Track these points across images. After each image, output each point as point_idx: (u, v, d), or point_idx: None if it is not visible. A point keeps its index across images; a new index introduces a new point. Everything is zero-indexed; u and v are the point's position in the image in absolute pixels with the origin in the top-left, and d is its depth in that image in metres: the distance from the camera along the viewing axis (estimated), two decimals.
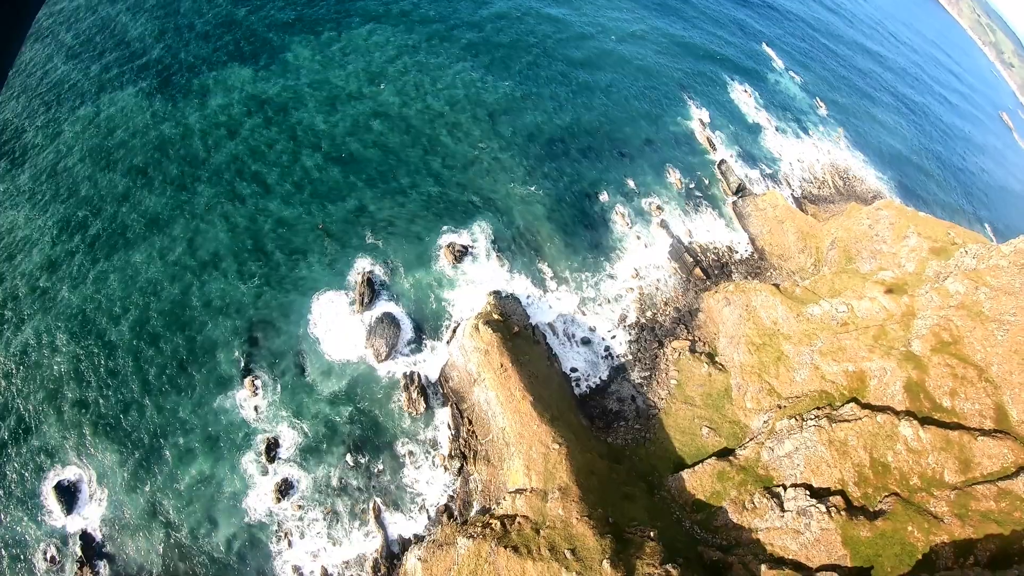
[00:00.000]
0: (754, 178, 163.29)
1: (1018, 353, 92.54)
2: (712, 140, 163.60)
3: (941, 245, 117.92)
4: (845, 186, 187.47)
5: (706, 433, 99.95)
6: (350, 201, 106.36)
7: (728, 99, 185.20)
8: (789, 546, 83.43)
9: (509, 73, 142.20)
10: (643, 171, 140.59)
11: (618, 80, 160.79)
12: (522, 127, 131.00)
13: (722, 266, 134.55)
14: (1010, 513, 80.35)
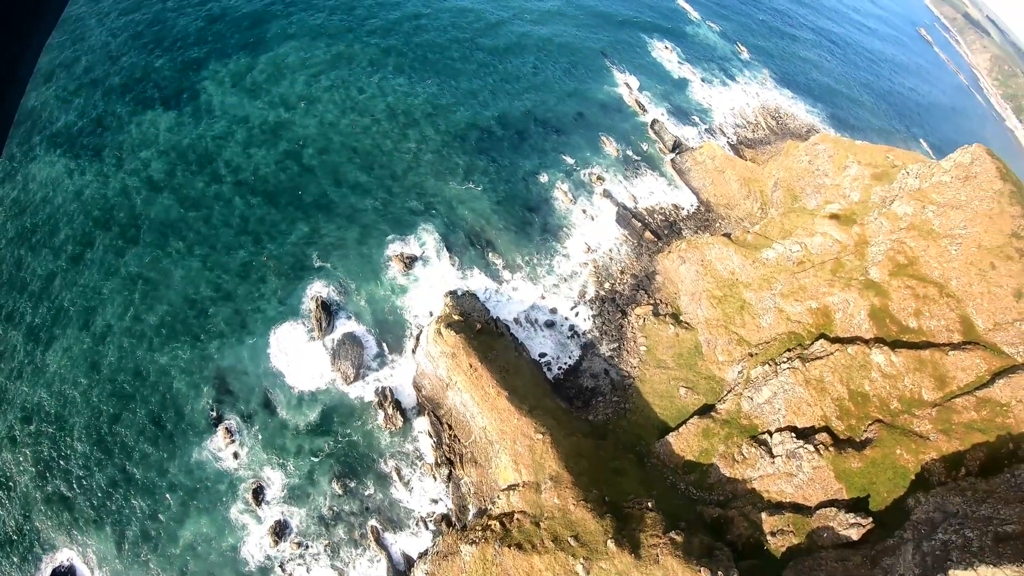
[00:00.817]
0: (689, 133, 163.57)
1: (974, 265, 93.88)
2: (641, 102, 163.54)
3: (882, 170, 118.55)
4: (778, 125, 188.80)
5: (684, 393, 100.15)
6: (291, 229, 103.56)
7: (651, 59, 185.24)
8: (785, 490, 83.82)
9: (432, 73, 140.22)
10: (578, 146, 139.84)
11: (541, 61, 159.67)
12: (453, 125, 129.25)
13: (671, 225, 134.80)
14: (992, 420, 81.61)
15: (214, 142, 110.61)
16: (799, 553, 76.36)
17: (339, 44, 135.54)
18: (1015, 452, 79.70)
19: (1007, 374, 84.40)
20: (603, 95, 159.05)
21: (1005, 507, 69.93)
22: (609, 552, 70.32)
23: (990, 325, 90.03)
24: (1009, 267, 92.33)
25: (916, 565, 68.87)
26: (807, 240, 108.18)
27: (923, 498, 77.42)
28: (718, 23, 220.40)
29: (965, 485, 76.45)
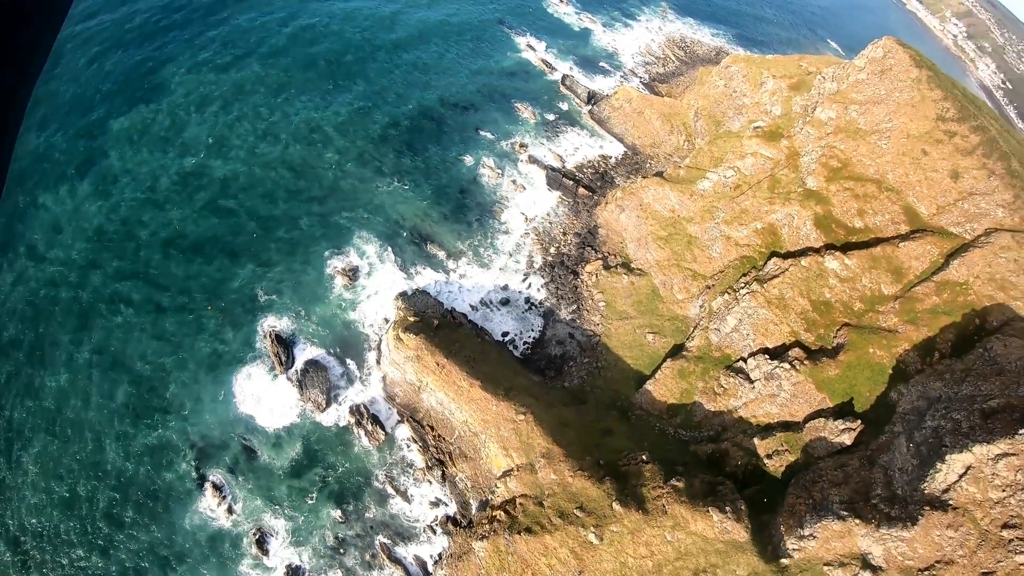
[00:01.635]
0: (601, 81, 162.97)
1: (907, 155, 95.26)
2: (548, 62, 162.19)
3: (798, 79, 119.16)
4: (687, 55, 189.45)
5: (651, 339, 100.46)
6: (230, 273, 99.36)
7: (549, 16, 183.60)
8: (771, 411, 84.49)
9: (338, 81, 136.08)
10: (495, 120, 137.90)
11: (443, 45, 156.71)
12: (370, 129, 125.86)
13: (602, 176, 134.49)
14: (955, 300, 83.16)
15: (130, 209, 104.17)
16: (798, 469, 76.86)
17: (237, 74, 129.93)
18: (982, 327, 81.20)
19: (959, 254, 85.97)
20: (510, 63, 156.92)
21: (985, 382, 71.08)
22: (616, 514, 70.19)
23: (933, 210, 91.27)
24: (941, 150, 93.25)
25: (913, 456, 69.77)
26: (739, 163, 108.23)
27: (904, 389, 78.40)
28: None
29: (942, 368, 77.64)
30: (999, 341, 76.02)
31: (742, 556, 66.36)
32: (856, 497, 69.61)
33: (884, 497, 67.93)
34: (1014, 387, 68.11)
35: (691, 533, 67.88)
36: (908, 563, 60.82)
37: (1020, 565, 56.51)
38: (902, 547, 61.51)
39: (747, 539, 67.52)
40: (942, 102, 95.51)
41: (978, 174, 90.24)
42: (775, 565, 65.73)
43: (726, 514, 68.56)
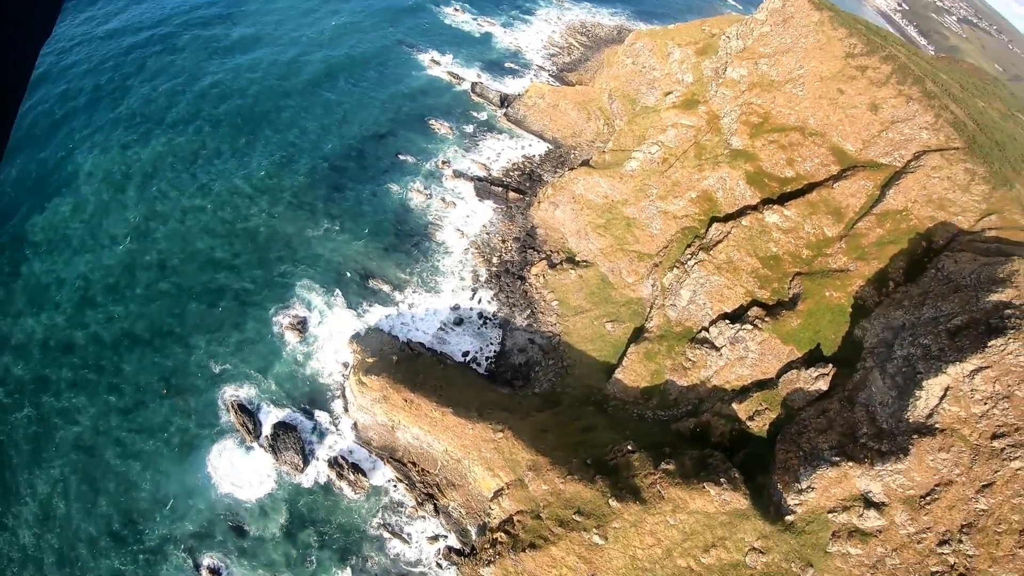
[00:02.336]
0: (510, 82, 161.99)
1: (823, 97, 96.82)
2: (455, 73, 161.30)
3: (704, 44, 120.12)
4: (590, 39, 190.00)
5: (611, 328, 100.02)
6: (180, 355, 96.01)
7: (448, 28, 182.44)
8: (743, 374, 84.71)
9: (252, 137, 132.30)
10: (413, 142, 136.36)
11: (351, 79, 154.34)
12: (293, 178, 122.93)
13: (530, 176, 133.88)
14: (898, 228, 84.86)
15: (67, 316, 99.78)
16: (782, 424, 77.12)
17: (150, 148, 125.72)
18: (930, 248, 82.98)
19: (893, 183, 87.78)
20: (418, 83, 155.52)
21: (944, 302, 72.20)
22: (615, 510, 69.50)
23: (860, 146, 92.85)
24: (855, 86, 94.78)
25: (890, 388, 70.58)
26: (661, 137, 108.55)
27: (868, 324, 79.52)
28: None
29: (900, 297, 78.84)
30: (949, 258, 77.36)
31: (747, 523, 66.35)
32: (844, 440, 69.96)
33: (871, 434, 68.44)
34: (974, 301, 68.94)
35: (692, 512, 67.51)
36: (909, 493, 61.41)
37: (1017, 471, 57.51)
38: (900, 479, 62.02)
39: (748, 505, 67.41)
40: (848, 39, 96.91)
41: (896, 102, 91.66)
42: (781, 524, 65.93)
43: (722, 486, 68.30)
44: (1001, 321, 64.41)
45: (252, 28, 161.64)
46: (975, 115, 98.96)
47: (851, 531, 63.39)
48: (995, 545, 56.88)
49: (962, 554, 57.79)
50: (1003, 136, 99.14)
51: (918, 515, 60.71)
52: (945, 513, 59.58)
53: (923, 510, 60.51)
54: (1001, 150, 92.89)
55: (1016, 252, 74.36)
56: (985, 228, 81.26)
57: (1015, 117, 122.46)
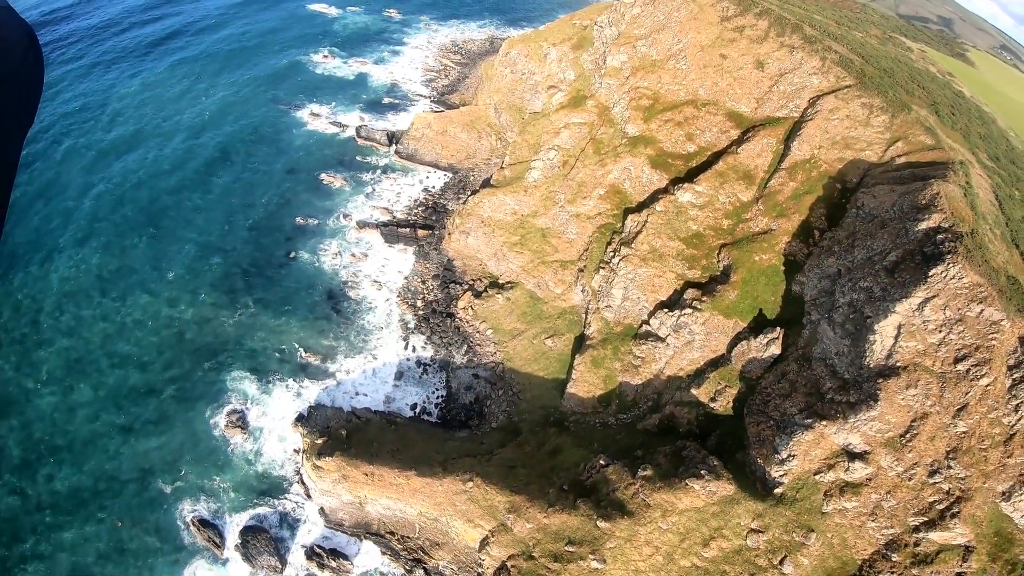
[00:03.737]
0: (393, 118, 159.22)
1: (708, 66, 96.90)
2: (337, 121, 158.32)
3: (578, 38, 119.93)
4: (464, 56, 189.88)
5: (551, 343, 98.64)
6: (126, 486, 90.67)
7: (321, 75, 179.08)
8: (694, 357, 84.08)
9: (157, 239, 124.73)
10: (311, 204, 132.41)
11: (239, 155, 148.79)
12: (202, 271, 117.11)
13: (434, 209, 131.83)
14: (809, 177, 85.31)
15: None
16: (745, 397, 76.97)
17: (53, 274, 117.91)
18: (845, 189, 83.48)
19: (795, 134, 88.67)
20: (301, 140, 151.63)
21: (873, 240, 72.56)
22: (606, 531, 67.77)
23: (754, 105, 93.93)
24: (737, 48, 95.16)
25: (843, 337, 70.81)
26: (556, 140, 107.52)
27: (803, 278, 79.83)
28: (354, 3, 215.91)
29: (827, 244, 79.02)
30: (866, 195, 77.92)
31: (739, 507, 65.91)
32: (811, 400, 70.02)
33: (836, 387, 68.64)
34: (903, 234, 69.23)
35: (683, 512, 66.52)
36: (888, 435, 62.07)
37: (987, 387, 58.93)
38: (876, 425, 62.52)
39: (735, 489, 66.90)
40: (720, 3, 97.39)
41: (780, 55, 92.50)
42: (772, 498, 65.85)
43: (704, 478, 67.55)
44: (935, 248, 64.77)
45: (130, 124, 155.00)
46: (858, 48, 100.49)
47: (842, 487, 63.89)
48: (983, 462, 58.45)
49: (954, 479, 59.08)
50: (888, 62, 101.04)
51: (902, 454, 61.45)
52: (928, 445, 60.53)
53: (906, 448, 61.30)
54: (891, 76, 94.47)
55: (930, 173, 74.87)
56: (894, 156, 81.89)
57: (893, 39, 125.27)
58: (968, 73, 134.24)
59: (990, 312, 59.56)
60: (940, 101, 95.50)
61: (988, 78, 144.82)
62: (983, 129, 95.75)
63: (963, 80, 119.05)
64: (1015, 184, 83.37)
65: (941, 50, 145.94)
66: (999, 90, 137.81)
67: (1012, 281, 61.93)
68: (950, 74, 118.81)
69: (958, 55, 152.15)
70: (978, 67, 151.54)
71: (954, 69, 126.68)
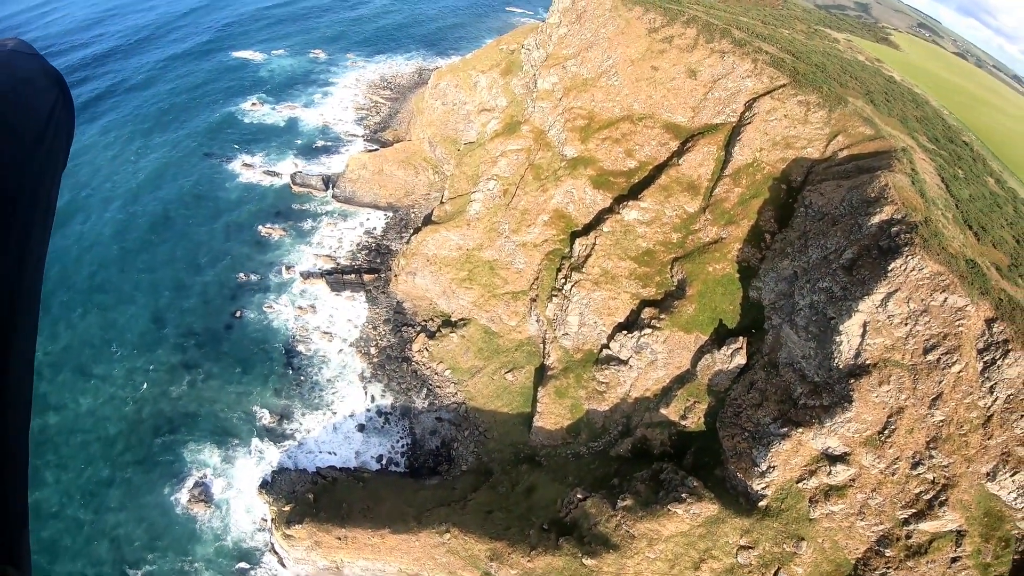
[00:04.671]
0: (328, 161, 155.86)
1: (640, 79, 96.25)
2: (270, 170, 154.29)
3: (506, 63, 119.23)
4: (394, 91, 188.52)
5: (512, 377, 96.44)
6: None
7: (250, 125, 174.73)
8: (659, 376, 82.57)
9: (101, 317, 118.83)
10: (250, 258, 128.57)
11: (178, 217, 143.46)
12: (154, 348, 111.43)
13: (378, 251, 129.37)
14: (754, 181, 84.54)
15: None
16: (716, 411, 75.88)
17: None
18: (791, 188, 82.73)
19: (735, 140, 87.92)
20: (236, 194, 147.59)
21: (826, 239, 71.44)
22: (593, 568, 65.92)
23: (691, 114, 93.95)
24: (667, 59, 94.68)
25: (808, 340, 69.89)
26: (494, 170, 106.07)
27: (759, 283, 78.94)
28: (279, 47, 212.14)
29: (780, 246, 78.18)
30: (812, 192, 77.02)
31: (725, 525, 64.90)
32: (783, 407, 69.12)
33: (807, 392, 67.89)
34: (856, 229, 68.40)
35: (669, 538, 65.02)
36: (867, 434, 61.72)
37: (959, 373, 58.58)
38: (853, 425, 61.94)
39: (719, 507, 65.81)
40: (646, 15, 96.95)
41: (711, 61, 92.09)
42: (757, 512, 64.95)
43: (686, 501, 66.16)
44: (891, 241, 64.15)
45: (65, 193, 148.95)
46: (787, 46, 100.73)
47: (826, 491, 63.32)
48: (965, 447, 58.40)
49: (937, 467, 58.93)
50: (819, 56, 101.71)
51: (883, 450, 61.16)
52: (908, 438, 60.34)
53: (886, 444, 61.04)
54: (823, 71, 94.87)
55: (875, 164, 74.60)
56: (836, 151, 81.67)
57: (819, 32, 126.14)
58: (895, 57, 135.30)
59: (954, 299, 59.04)
60: (874, 89, 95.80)
61: (914, 59, 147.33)
62: (918, 112, 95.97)
63: (892, 65, 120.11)
64: (957, 163, 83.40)
65: (866, 37, 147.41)
66: (926, 69, 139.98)
67: (971, 264, 61.32)
68: (878, 60, 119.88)
69: (882, 40, 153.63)
70: (903, 49, 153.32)
71: (881, 55, 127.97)
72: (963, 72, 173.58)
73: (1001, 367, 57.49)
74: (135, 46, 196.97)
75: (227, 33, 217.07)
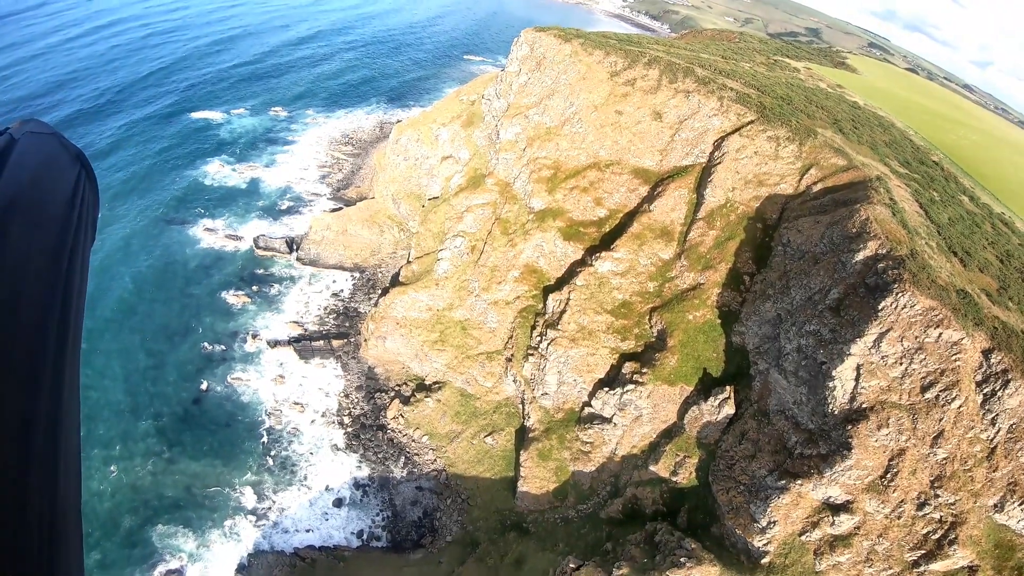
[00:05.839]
0: (291, 222, 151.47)
1: (605, 125, 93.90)
2: (232, 234, 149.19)
3: (467, 115, 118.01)
4: (355, 146, 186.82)
5: (492, 441, 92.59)
6: None
7: (211, 188, 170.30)
8: (645, 431, 79.00)
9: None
10: (213, 327, 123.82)
11: (149, 289, 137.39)
12: (120, 431, 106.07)
13: (346, 314, 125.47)
14: (728, 222, 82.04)
15: None
16: (707, 465, 72.67)
17: None
18: (767, 227, 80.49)
19: (706, 181, 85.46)
20: (197, 261, 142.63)
21: (808, 278, 69.05)
22: None
23: (659, 158, 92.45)
24: (631, 102, 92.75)
25: (798, 385, 67.24)
26: (460, 226, 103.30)
27: (741, 328, 76.14)
28: (240, 106, 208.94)
29: (760, 287, 75.60)
30: (789, 230, 74.71)
31: None
32: (779, 458, 66.14)
33: (803, 440, 65.17)
34: (840, 268, 65.94)
35: None
36: (869, 480, 59.45)
37: (959, 409, 56.76)
38: (854, 473, 59.62)
39: (720, 568, 62.87)
40: (607, 59, 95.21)
41: (676, 102, 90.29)
42: (760, 570, 62.28)
43: (685, 566, 62.66)
44: (878, 278, 61.87)
45: None
46: (751, 81, 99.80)
47: (831, 541, 60.78)
48: (970, 482, 56.77)
49: (944, 506, 57.21)
50: (783, 88, 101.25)
51: (887, 495, 58.99)
52: (911, 479, 58.40)
53: (889, 488, 58.86)
54: (789, 103, 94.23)
55: (852, 197, 72.76)
56: (810, 185, 79.89)
57: (779, 63, 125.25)
58: (855, 81, 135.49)
59: (948, 334, 57.12)
60: (841, 117, 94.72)
61: (873, 81, 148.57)
62: (886, 136, 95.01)
63: (853, 90, 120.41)
64: (931, 185, 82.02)
65: (824, 63, 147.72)
66: (886, 90, 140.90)
67: (962, 295, 59.39)
68: (840, 86, 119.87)
69: (840, 64, 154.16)
70: (861, 72, 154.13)
71: (841, 80, 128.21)
72: (918, 88, 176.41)
73: (1002, 398, 55.92)
74: (98, 111, 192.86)
75: (189, 95, 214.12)
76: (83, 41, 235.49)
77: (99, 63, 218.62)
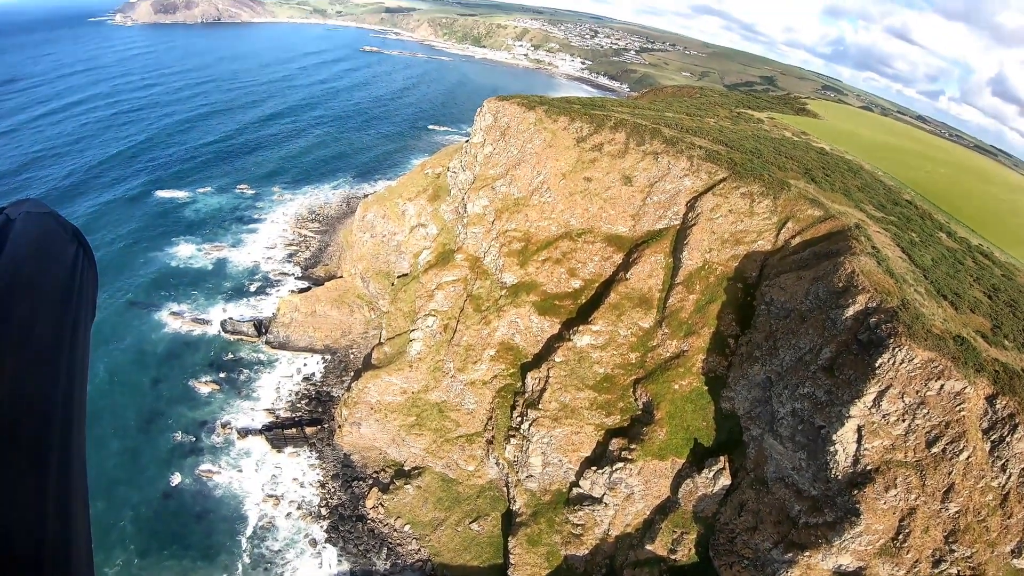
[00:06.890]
0: (259, 304, 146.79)
1: (574, 193, 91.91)
2: (199, 319, 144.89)
3: (433, 188, 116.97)
4: (322, 223, 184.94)
5: (478, 527, 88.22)
6: None
7: (177, 270, 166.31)
8: (639, 509, 75.18)
9: None
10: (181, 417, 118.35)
11: (119, 378, 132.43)
12: None
13: (318, 399, 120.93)
14: (708, 284, 79.22)
15: None
16: (707, 539, 69.41)
17: None
18: (748, 286, 77.78)
19: (682, 244, 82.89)
20: (163, 347, 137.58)
21: (796, 337, 66.04)
22: None
23: (631, 223, 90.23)
24: (599, 167, 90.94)
25: (796, 451, 63.90)
26: (431, 305, 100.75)
27: (730, 393, 72.97)
28: (206, 184, 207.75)
29: (747, 349, 72.69)
30: (771, 288, 71.97)
31: None
32: (783, 529, 63.02)
33: (807, 509, 62.00)
34: (830, 325, 63.12)
35: None
36: (880, 544, 56.76)
37: (967, 460, 54.62)
38: (864, 538, 56.88)
39: None
40: (572, 125, 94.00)
41: (645, 164, 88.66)
42: None
43: None
44: (871, 333, 59.26)
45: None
46: (718, 136, 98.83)
47: None
48: (985, 532, 54.38)
49: (960, 560, 54.83)
50: (750, 142, 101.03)
51: (900, 557, 56.38)
52: (924, 538, 55.88)
53: (902, 549, 56.24)
54: (759, 156, 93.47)
55: (833, 249, 70.61)
56: (788, 239, 77.61)
57: (743, 115, 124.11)
58: (818, 126, 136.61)
59: (951, 384, 54.78)
60: (811, 166, 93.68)
61: (835, 124, 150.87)
62: (858, 180, 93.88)
63: (818, 135, 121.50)
64: (908, 226, 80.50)
65: (786, 112, 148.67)
66: (850, 132, 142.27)
67: (960, 341, 57.10)
68: (805, 133, 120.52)
69: (801, 111, 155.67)
70: (822, 116, 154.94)
71: (805, 126, 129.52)
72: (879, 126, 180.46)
73: (1010, 442, 53.79)
74: (66, 192, 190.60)
75: (157, 175, 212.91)
76: (51, 119, 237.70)
77: (67, 142, 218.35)
